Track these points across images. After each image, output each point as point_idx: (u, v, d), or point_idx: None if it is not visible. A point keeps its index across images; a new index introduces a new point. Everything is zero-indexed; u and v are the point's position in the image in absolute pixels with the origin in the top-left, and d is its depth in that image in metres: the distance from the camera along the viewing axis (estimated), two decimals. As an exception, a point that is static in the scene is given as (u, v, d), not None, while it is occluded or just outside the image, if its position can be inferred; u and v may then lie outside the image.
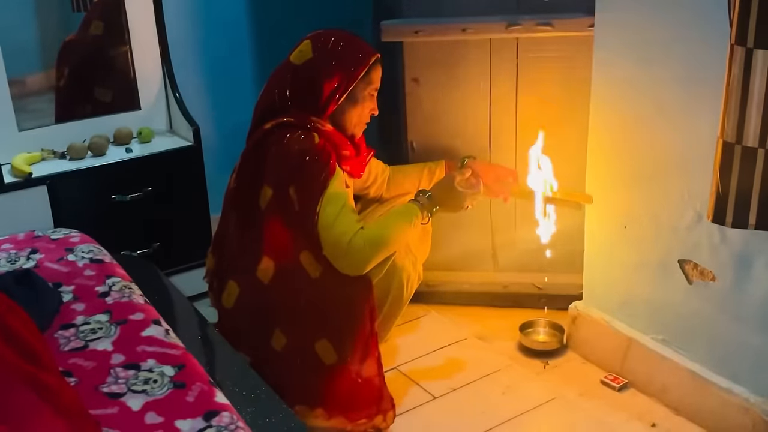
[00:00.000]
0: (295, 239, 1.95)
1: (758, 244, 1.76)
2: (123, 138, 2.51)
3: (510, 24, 2.23)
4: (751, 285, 1.80)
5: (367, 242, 1.88)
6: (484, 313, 2.53)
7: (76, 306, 1.54)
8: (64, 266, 1.69)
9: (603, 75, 2.04)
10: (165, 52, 2.57)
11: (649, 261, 2.04)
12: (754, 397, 1.84)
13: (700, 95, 1.79)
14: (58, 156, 2.42)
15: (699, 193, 1.84)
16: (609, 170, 2.10)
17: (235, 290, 2.05)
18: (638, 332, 2.12)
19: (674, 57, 1.84)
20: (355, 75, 1.98)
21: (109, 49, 2.60)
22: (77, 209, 2.33)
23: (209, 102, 2.82)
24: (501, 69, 2.32)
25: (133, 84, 2.58)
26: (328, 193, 1.90)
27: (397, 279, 2.05)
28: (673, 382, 2.02)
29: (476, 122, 2.40)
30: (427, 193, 2.02)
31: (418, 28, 2.31)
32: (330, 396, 1.95)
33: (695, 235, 1.90)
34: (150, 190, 2.42)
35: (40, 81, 2.59)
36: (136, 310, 1.54)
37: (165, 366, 1.35)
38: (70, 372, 1.33)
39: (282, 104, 2.00)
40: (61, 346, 1.42)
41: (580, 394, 2.13)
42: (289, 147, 1.94)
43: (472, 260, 2.55)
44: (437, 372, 2.25)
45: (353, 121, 2.04)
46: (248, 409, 1.41)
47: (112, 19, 2.54)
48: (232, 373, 1.61)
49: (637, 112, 1.98)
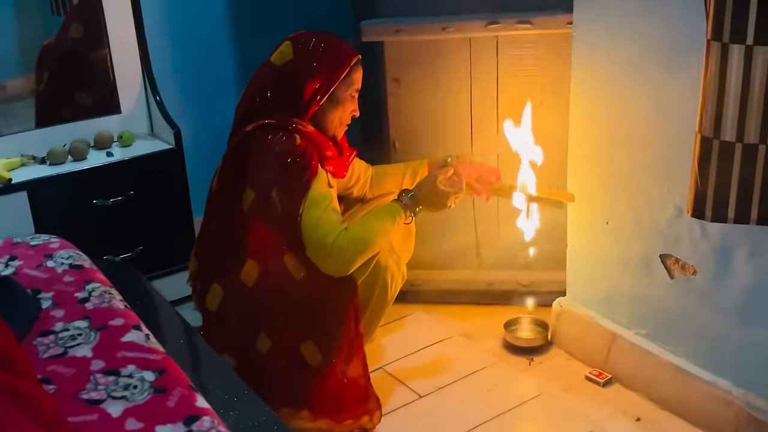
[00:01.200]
0: (279, 241, 1.94)
1: (738, 237, 1.77)
2: (103, 142, 2.50)
3: (490, 22, 2.24)
4: (732, 278, 1.82)
5: (350, 243, 1.88)
6: (469, 311, 2.53)
7: (55, 312, 1.53)
8: (43, 272, 1.68)
9: (582, 72, 2.05)
10: (145, 55, 2.56)
11: (631, 256, 2.05)
12: (736, 389, 1.85)
13: (679, 91, 1.80)
14: (38, 161, 2.40)
15: (679, 188, 1.85)
16: (590, 167, 2.11)
17: (219, 293, 2.04)
18: (622, 327, 2.13)
19: (652, 53, 1.85)
20: (337, 76, 1.98)
21: (88, 52, 2.58)
22: (58, 214, 2.32)
23: (190, 104, 2.80)
24: (481, 67, 2.32)
25: (113, 87, 2.56)
26: (311, 195, 1.90)
27: (381, 279, 2.05)
28: (657, 376, 2.03)
29: (458, 121, 2.40)
30: (410, 193, 2.02)
31: (399, 28, 2.31)
32: (316, 397, 1.95)
33: (676, 229, 1.91)
34: (131, 194, 2.40)
35: (20, 86, 2.58)
36: (116, 315, 1.52)
37: (145, 371, 1.34)
38: (50, 379, 1.32)
39: (263, 105, 1.99)
40: (40, 354, 1.40)
41: (565, 390, 2.14)
42: (270, 149, 1.93)
43: (456, 258, 2.55)
44: (423, 371, 2.26)
45: (334, 122, 2.04)
46: (231, 413, 1.40)
47: (91, 22, 2.52)
48: (215, 377, 1.60)
49: (616, 108, 1.98)
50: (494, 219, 2.47)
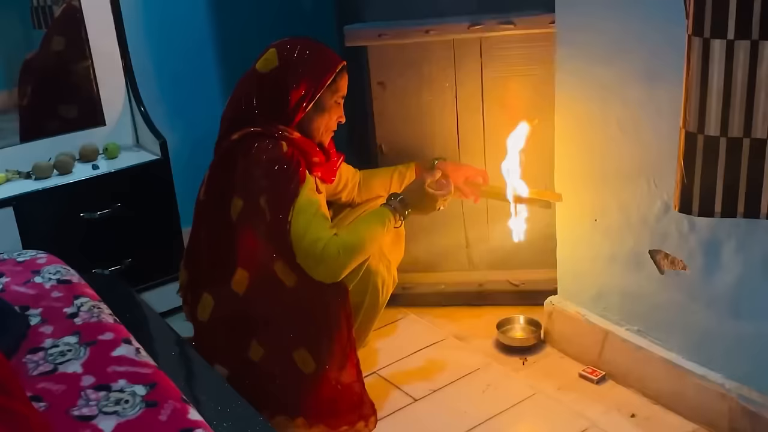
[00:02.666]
0: (269, 249, 1.94)
1: (726, 230, 1.78)
2: (89, 155, 2.48)
3: (472, 24, 2.24)
4: (721, 272, 1.82)
5: (341, 249, 1.88)
6: (461, 312, 2.53)
7: (44, 329, 1.52)
8: (30, 289, 1.66)
9: (566, 71, 2.05)
10: (127, 65, 2.54)
11: (620, 253, 2.06)
12: (729, 382, 1.86)
13: (663, 87, 1.80)
14: (23, 176, 2.38)
15: (666, 184, 1.86)
16: (577, 165, 2.11)
17: (210, 303, 2.03)
18: (613, 324, 2.14)
19: (635, 50, 1.86)
20: (322, 83, 1.97)
21: (71, 64, 2.56)
22: (45, 229, 2.30)
23: (175, 114, 2.79)
24: (466, 69, 2.32)
25: (97, 99, 2.55)
26: (299, 202, 1.89)
27: (372, 284, 2.05)
28: (650, 372, 2.04)
29: (443, 123, 2.40)
30: (398, 197, 2.02)
31: (382, 32, 2.30)
32: (310, 405, 1.94)
33: (664, 225, 1.92)
34: (119, 206, 2.39)
35: (4, 100, 2.56)
36: (105, 329, 1.51)
37: (136, 385, 1.33)
38: (40, 397, 1.31)
39: (249, 113, 1.99)
40: (30, 371, 1.39)
41: (559, 389, 2.14)
42: (257, 157, 1.93)
43: (447, 260, 2.55)
44: (417, 374, 2.25)
45: (320, 128, 2.04)
46: (224, 424, 1.40)
47: (73, 34, 2.50)
48: (207, 388, 1.59)
49: (601, 107, 1.99)
50: (483, 219, 2.47)
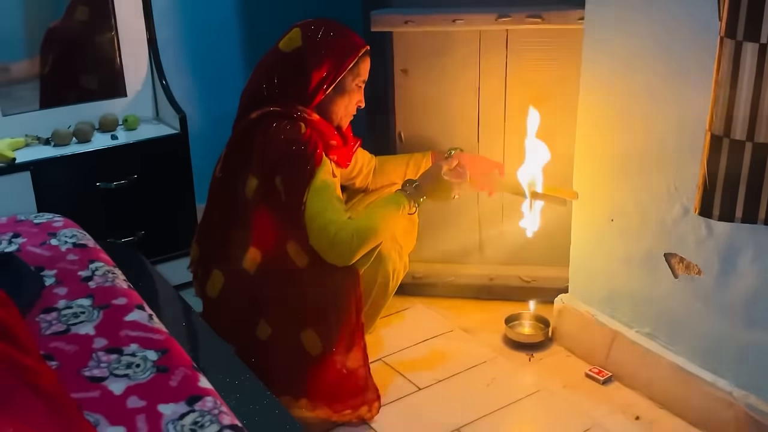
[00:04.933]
0: (282, 229, 1.94)
1: (744, 238, 1.77)
2: (108, 125, 2.49)
3: (500, 16, 2.23)
4: (737, 279, 1.81)
5: (353, 232, 1.87)
6: (470, 305, 2.53)
7: (58, 290, 1.52)
8: (46, 250, 1.67)
9: (592, 68, 2.04)
10: (152, 38, 2.55)
11: (635, 254, 2.05)
12: (737, 390, 1.85)
13: (689, 88, 1.79)
14: (42, 142, 2.39)
15: (686, 187, 1.84)
16: (597, 162, 2.10)
17: (220, 279, 2.03)
18: (623, 325, 2.13)
19: (663, 51, 1.84)
20: (345, 65, 1.97)
21: (94, 35, 2.56)
22: (61, 196, 2.31)
23: (196, 89, 2.79)
24: (490, 61, 2.32)
25: (119, 70, 2.55)
26: (315, 183, 1.89)
27: (383, 269, 2.05)
28: (658, 376, 2.03)
29: (465, 114, 2.39)
30: (414, 183, 2.01)
31: (408, 18, 2.30)
32: (315, 386, 1.94)
33: (682, 228, 1.90)
34: (135, 177, 2.40)
35: (26, 68, 2.56)
36: (119, 294, 1.52)
37: (148, 350, 1.34)
38: (52, 356, 1.31)
39: (269, 92, 1.98)
40: (43, 330, 1.40)
41: (564, 387, 2.13)
42: (275, 137, 1.92)
43: (459, 253, 2.54)
44: (422, 363, 2.25)
45: (340, 112, 2.04)
46: (232, 396, 1.40)
47: (99, 4, 2.51)
48: (217, 360, 1.60)
49: (625, 105, 1.98)
50: (498, 214, 2.47)
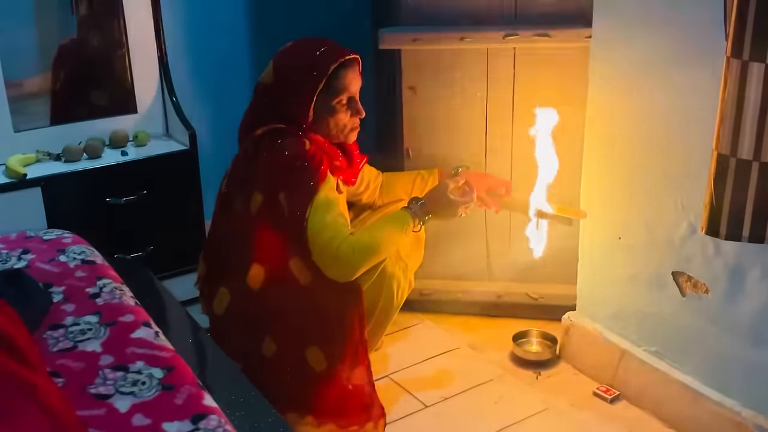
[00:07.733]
0: (285, 245, 1.94)
1: (752, 256, 1.76)
2: (119, 141, 2.51)
3: (508, 34, 2.24)
4: (744, 298, 1.80)
5: (356, 249, 1.87)
6: (477, 322, 2.52)
7: (66, 307, 1.53)
8: (55, 267, 1.68)
9: (598, 86, 2.04)
10: (162, 56, 2.57)
11: (643, 273, 2.04)
12: (745, 410, 1.83)
13: (696, 107, 1.79)
14: (53, 158, 2.41)
15: (693, 205, 1.84)
16: (604, 181, 2.10)
17: (226, 297, 2.04)
18: (631, 344, 2.12)
19: (670, 70, 1.85)
20: (312, 92, 1.92)
21: (106, 52, 2.59)
22: (71, 211, 2.32)
23: (206, 106, 2.81)
24: (498, 79, 2.32)
25: (130, 87, 2.58)
26: (318, 199, 1.89)
27: (387, 287, 2.04)
28: (665, 395, 2.01)
29: (472, 131, 2.40)
30: (419, 201, 2.01)
31: (416, 36, 2.31)
32: (320, 403, 1.94)
33: (689, 247, 1.90)
34: (145, 193, 2.41)
35: (38, 84, 2.59)
36: (126, 311, 1.53)
37: (154, 368, 1.34)
38: (59, 372, 1.32)
39: (261, 122, 1.98)
40: (50, 347, 1.40)
41: (571, 405, 2.12)
42: (279, 152, 1.92)
43: (467, 269, 2.54)
44: (429, 381, 2.24)
45: (332, 131, 2.00)
46: (237, 414, 1.40)
47: (111, 22, 2.54)
48: (222, 377, 1.60)
49: (631, 123, 1.98)
50: (506, 231, 2.47)
